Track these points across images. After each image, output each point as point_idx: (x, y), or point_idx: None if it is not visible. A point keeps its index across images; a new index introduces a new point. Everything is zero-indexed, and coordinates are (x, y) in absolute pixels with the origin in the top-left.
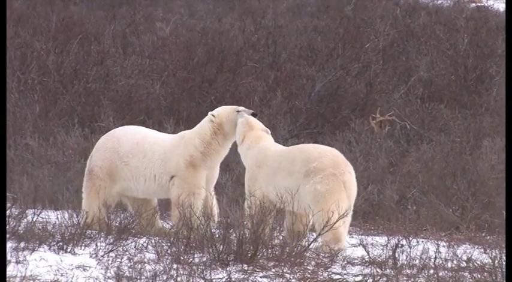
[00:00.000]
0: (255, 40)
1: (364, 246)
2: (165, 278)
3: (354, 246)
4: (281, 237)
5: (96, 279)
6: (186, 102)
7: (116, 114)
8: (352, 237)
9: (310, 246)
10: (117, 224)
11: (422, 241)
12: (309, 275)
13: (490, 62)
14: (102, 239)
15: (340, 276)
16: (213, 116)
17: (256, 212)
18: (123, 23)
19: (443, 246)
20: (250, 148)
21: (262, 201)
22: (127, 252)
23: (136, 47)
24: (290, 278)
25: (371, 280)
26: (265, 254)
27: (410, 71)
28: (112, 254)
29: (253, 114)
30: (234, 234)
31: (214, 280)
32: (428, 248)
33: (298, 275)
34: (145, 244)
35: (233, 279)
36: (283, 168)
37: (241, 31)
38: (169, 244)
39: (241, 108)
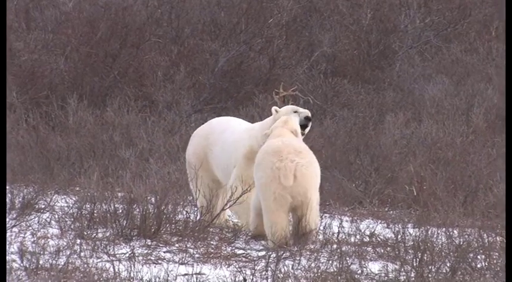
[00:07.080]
0: (158, 15)
1: None
2: (68, 253)
3: None
4: (184, 212)
5: None
6: (89, 77)
7: (19, 89)
8: None
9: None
10: (20, 199)
11: (326, 216)
12: (212, 250)
13: (393, 37)
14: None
15: (243, 251)
16: (275, 111)
17: (159, 188)
18: None
19: (347, 221)
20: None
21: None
22: (30, 228)
23: (39, 22)
24: (194, 253)
25: (274, 255)
26: (168, 229)
27: (314, 46)
28: (15, 229)
29: (307, 118)
30: (137, 210)
31: (117, 255)
32: (331, 223)
33: (201, 250)
34: (48, 219)
35: (136, 254)
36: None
37: (145, 6)
38: (72, 219)
39: (302, 110)
